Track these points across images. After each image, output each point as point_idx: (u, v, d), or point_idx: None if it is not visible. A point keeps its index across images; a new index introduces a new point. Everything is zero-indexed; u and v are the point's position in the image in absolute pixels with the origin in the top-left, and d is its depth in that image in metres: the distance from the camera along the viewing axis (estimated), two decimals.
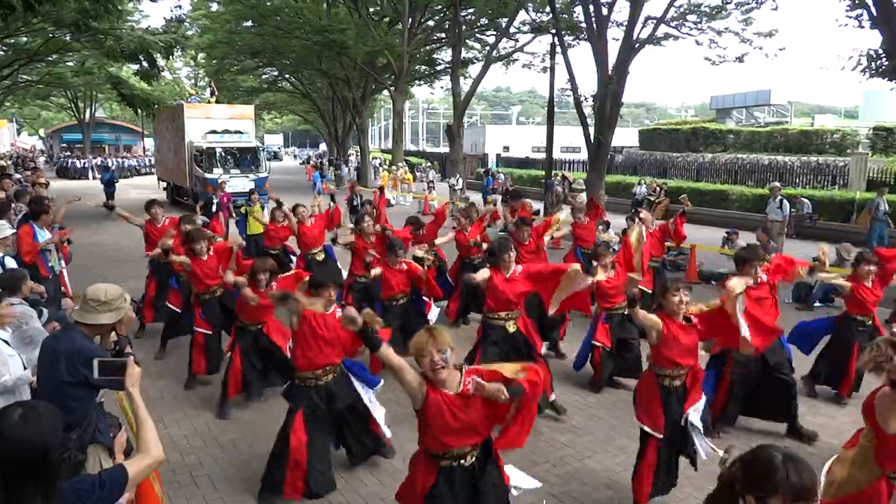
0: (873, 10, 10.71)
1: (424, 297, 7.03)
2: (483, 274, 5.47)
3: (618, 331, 6.59)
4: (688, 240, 13.12)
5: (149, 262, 8.44)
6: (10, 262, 6.40)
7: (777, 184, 14.74)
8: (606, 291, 6.43)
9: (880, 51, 10.96)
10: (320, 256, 9.06)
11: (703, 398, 4.45)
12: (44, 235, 7.45)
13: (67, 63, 30.81)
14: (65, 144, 56.10)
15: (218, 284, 6.61)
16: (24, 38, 23.86)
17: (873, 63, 11.23)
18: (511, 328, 5.53)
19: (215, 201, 15.10)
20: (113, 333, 3.51)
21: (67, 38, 21.62)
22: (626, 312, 6.30)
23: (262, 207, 12.39)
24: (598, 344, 6.49)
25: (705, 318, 4.38)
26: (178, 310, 7.45)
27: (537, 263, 6.51)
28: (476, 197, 22.43)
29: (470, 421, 3.07)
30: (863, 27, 11.42)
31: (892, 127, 25.12)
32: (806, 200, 17.20)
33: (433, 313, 7.02)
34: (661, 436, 4.23)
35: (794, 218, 15.85)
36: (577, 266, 5.21)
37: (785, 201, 13.48)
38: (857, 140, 27.10)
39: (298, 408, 4.57)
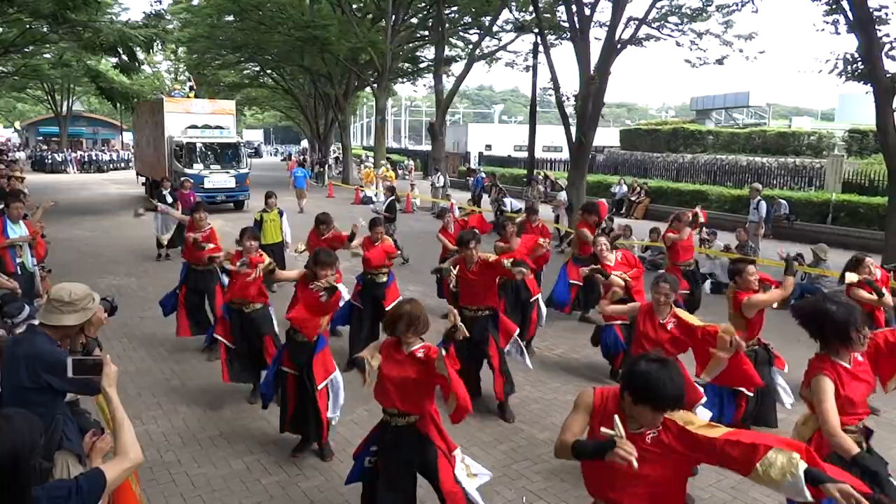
0: (850, 14, 10.89)
1: None
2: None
3: None
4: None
5: (183, 268, 7.84)
6: None
7: (757, 185, 14.90)
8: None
9: (856, 55, 11.12)
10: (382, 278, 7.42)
11: None
12: (14, 230, 7.38)
13: (44, 55, 30.31)
14: (41, 137, 55.21)
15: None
16: (0, 29, 23.44)
17: (849, 67, 11.39)
18: None
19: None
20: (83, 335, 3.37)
21: (45, 29, 21.31)
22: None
23: (281, 214, 10.21)
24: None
25: None
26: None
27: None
28: (462, 195, 22.46)
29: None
30: (839, 33, 11.62)
31: (868, 130, 25.49)
32: (783, 201, 17.45)
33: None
34: None
35: (771, 218, 16.06)
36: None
37: (762, 203, 13.64)
38: (833, 142, 27.53)
39: None
